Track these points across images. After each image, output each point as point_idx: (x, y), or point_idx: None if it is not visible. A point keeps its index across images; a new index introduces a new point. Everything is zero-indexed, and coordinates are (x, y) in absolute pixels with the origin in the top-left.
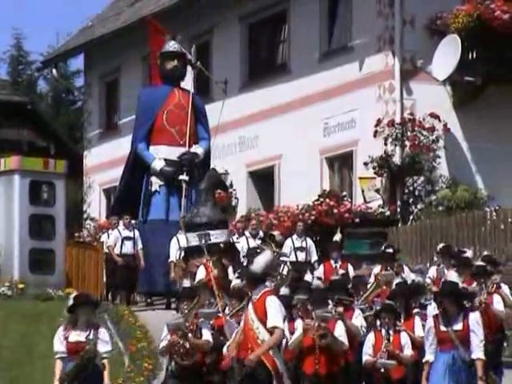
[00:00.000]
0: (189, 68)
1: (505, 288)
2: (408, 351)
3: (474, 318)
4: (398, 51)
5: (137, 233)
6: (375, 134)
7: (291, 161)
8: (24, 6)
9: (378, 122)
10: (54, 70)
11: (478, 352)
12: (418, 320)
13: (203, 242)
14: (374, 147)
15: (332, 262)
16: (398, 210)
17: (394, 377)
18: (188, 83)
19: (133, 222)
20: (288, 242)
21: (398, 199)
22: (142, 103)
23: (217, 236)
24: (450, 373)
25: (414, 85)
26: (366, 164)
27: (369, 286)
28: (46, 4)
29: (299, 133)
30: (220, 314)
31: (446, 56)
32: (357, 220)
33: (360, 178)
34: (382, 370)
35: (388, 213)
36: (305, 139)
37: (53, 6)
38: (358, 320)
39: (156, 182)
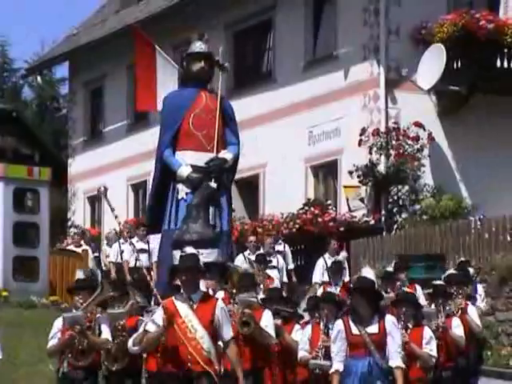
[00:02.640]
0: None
1: (472, 312)
2: (301, 353)
3: (391, 319)
4: (383, 60)
5: (151, 245)
6: (360, 142)
7: (276, 169)
8: (9, 14)
9: (363, 130)
10: (39, 78)
11: (396, 359)
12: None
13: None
14: (359, 156)
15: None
16: (383, 218)
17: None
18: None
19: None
20: (320, 262)
21: (383, 208)
22: (167, 107)
23: (206, 255)
24: (372, 382)
25: (398, 94)
26: (350, 173)
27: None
28: (31, 11)
29: (284, 141)
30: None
31: (431, 65)
32: (341, 229)
33: (345, 187)
34: (317, 371)
35: (372, 221)
36: (290, 148)
37: (38, 14)
38: (298, 334)
39: (182, 190)
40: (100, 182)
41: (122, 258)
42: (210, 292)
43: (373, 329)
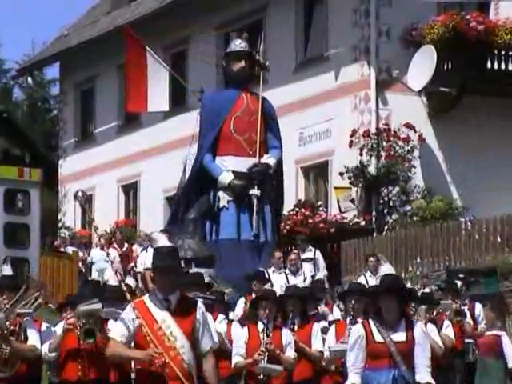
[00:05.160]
0: None
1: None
2: (290, 352)
3: (421, 326)
4: (374, 61)
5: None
6: (351, 144)
7: None
8: None
9: (354, 132)
10: (30, 79)
11: (425, 374)
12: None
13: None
14: (350, 157)
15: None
16: (373, 219)
17: None
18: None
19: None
20: (361, 279)
21: (373, 209)
22: (205, 110)
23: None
24: None
25: (389, 95)
26: (341, 174)
27: None
28: (22, 12)
29: None
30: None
31: (422, 67)
32: (332, 230)
33: (335, 188)
34: (261, 377)
35: (363, 223)
36: None
37: (29, 15)
38: (222, 324)
39: (224, 197)
40: (91, 183)
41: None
42: None
43: (399, 336)
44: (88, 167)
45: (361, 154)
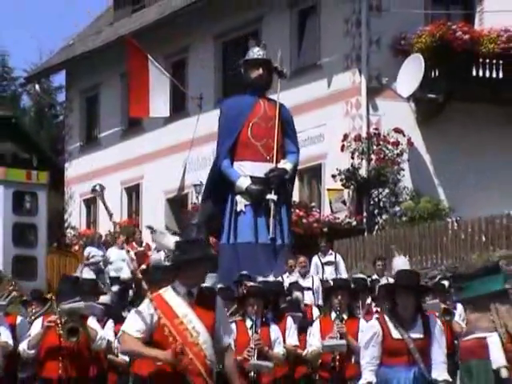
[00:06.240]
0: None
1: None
2: (279, 348)
3: (438, 322)
4: (365, 69)
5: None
6: (342, 148)
7: None
8: (8, 25)
9: (345, 136)
10: (37, 86)
11: (443, 371)
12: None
13: None
14: (342, 160)
15: None
16: (364, 220)
17: (263, 382)
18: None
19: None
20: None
21: (364, 210)
22: (224, 116)
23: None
24: None
25: (379, 101)
26: (333, 176)
27: None
28: (30, 23)
29: None
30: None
31: (410, 74)
32: (325, 229)
33: (328, 190)
34: (252, 374)
35: (354, 223)
36: None
37: (36, 25)
38: None
39: (241, 202)
40: None
41: None
42: None
43: (417, 333)
44: (92, 170)
45: (352, 158)
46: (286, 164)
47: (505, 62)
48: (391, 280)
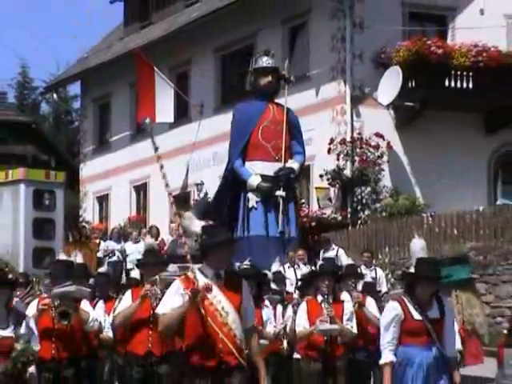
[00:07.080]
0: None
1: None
2: (270, 328)
3: (450, 303)
4: (349, 80)
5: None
6: (329, 150)
7: None
8: (29, 39)
9: (332, 140)
10: (55, 95)
11: (453, 350)
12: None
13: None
14: (328, 162)
15: None
16: (349, 215)
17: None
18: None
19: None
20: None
21: (348, 206)
22: (236, 121)
23: None
24: (437, 377)
25: (362, 109)
26: (321, 176)
27: None
28: (49, 37)
29: None
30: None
31: (390, 84)
32: (313, 224)
33: (316, 188)
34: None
35: (340, 218)
36: None
37: (54, 39)
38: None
39: (253, 198)
40: (107, 185)
41: None
42: None
43: (434, 314)
44: (104, 170)
45: (338, 159)
46: (294, 163)
47: (474, 73)
48: (379, 272)
